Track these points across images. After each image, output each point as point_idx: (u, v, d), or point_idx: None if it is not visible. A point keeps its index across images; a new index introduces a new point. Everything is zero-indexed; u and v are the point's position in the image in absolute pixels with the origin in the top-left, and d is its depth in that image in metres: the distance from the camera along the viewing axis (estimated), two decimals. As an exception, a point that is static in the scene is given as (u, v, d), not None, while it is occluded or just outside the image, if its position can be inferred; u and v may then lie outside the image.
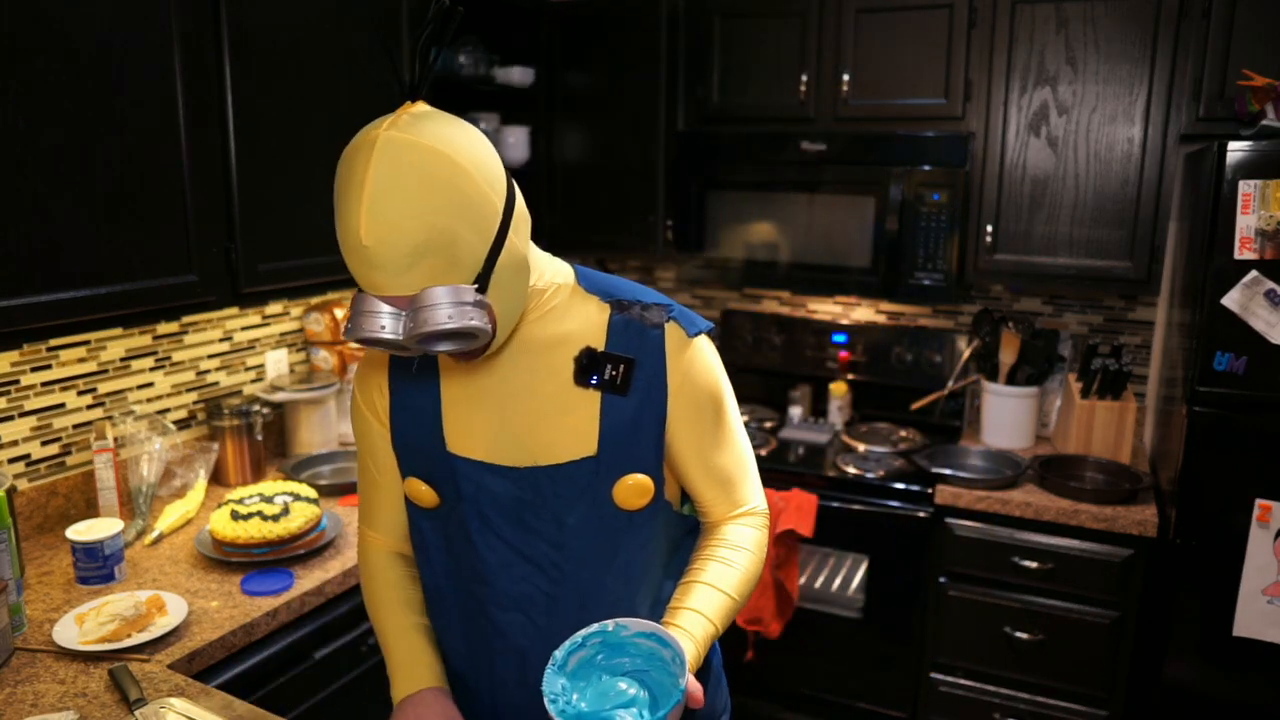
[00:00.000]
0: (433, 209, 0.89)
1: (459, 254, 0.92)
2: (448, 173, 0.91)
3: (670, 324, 1.10)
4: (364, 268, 0.91)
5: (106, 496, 1.96)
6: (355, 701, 1.87)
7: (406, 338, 0.93)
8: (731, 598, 1.11)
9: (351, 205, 0.90)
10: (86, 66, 1.58)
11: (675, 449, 1.13)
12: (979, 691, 2.47)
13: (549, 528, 1.11)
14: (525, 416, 1.09)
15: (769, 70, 2.73)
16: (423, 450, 1.12)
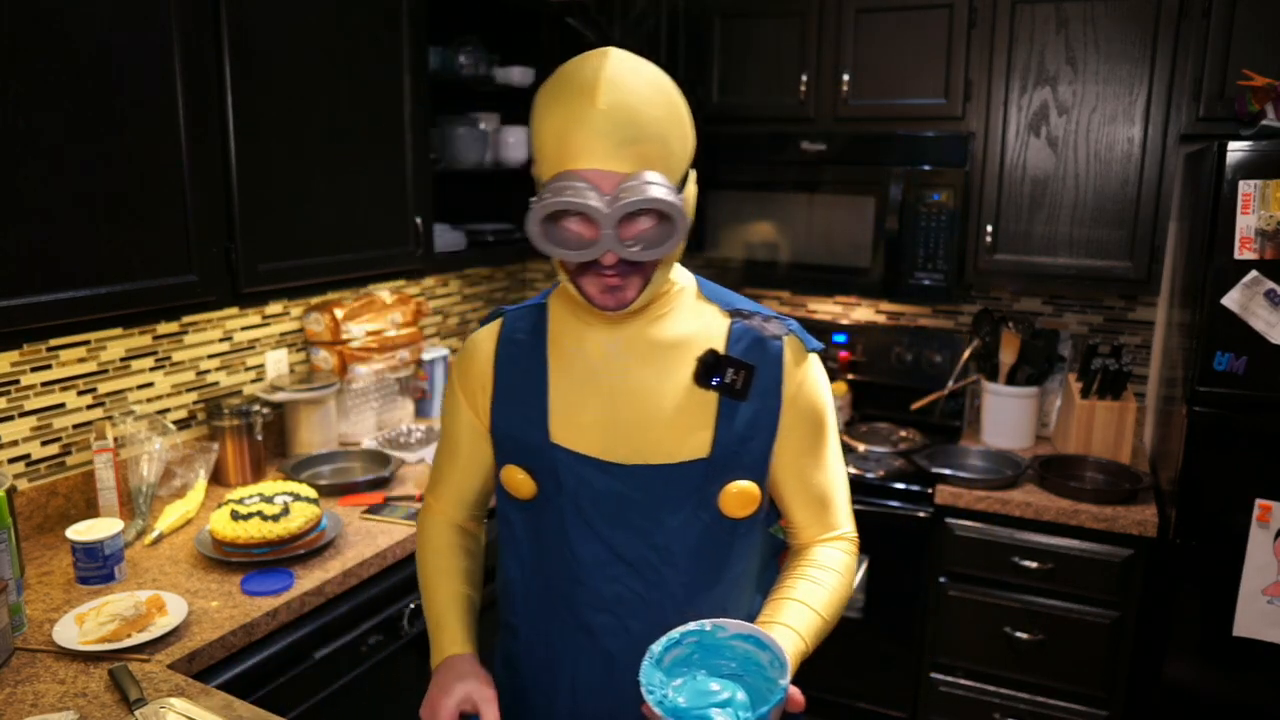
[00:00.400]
0: (662, 101, 0.99)
1: (670, 156, 1.00)
2: (670, 86, 1.01)
3: (790, 337, 1.13)
4: (588, 135, 0.95)
5: (106, 496, 1.96)
6: (355, 701, 1.87)
7: (613, 207, 0.95)
8: (822, 617, 1.09)
9: (584, 75, 0.97)
10: (86, 66, 1.58)
11: (777, 463, 1.13)
12: (979, 691, 2.47)
13: (650, 528, 1.09)
14: (638, 414, 1.09)
15: (769, 70, 2.73)
16: (524, 440, 1.12)
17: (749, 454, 1.10)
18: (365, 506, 2.12)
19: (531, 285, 3.59)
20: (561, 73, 1.00)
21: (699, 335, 1.10)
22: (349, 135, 2.15)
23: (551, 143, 0.98)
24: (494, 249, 2.88)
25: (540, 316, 1.16)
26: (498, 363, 1.15)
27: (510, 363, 1.14)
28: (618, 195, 0.96)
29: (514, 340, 1.15)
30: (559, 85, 0.99)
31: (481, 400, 1.17)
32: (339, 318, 2.51)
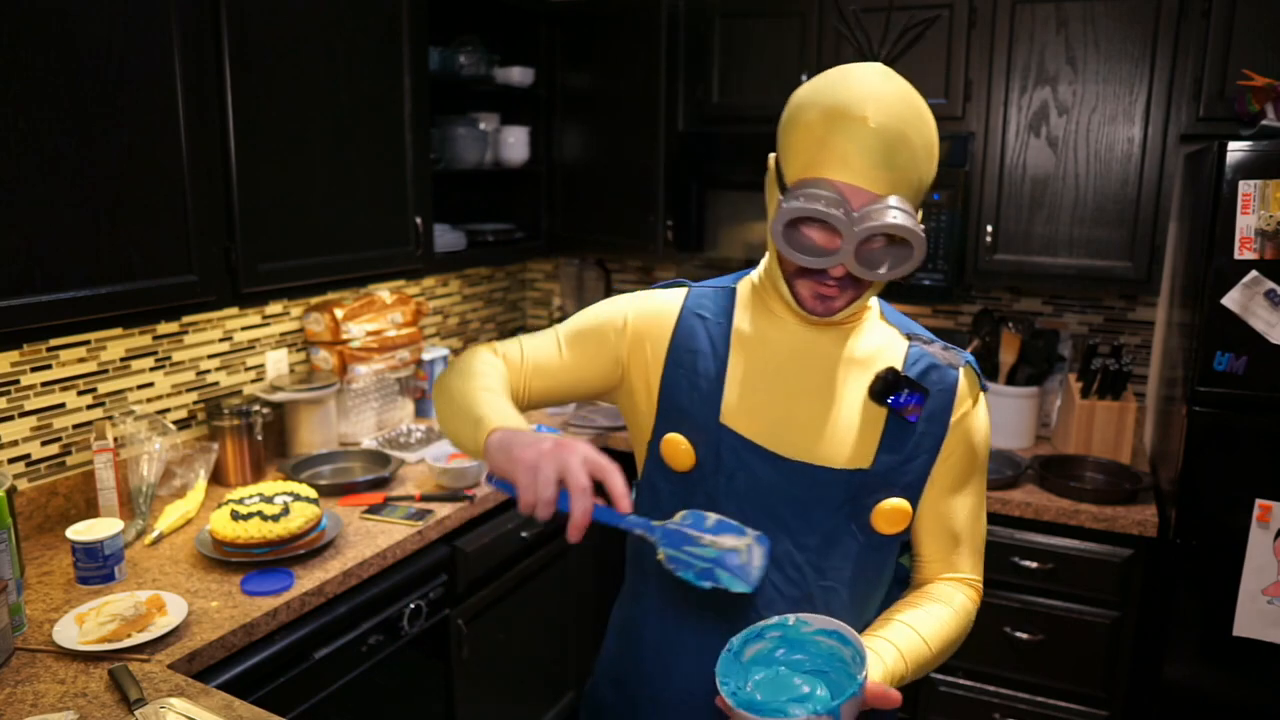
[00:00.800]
0: (925, 131, 1.00)
1: (920, 186, 1.01)
2: (931, 117, 1.02)
3: (966, 368, 1.15)
4: (853, 149, 0.97)
5: (106, 496, 1.96)
6: (355, 701, 1.87)
7: (860, 226, 0.97)
8: (926, 644, 1.09)
9: (856, 91, 0.98)
10: (86, 66, 1.58)
11: (925, 485, 1.14)
12: (979, 691, 2.47)
13: (800, 526, 1.10)
14: (810, 415, 1.11)
15: (769, 70, 2.73)
16: (694, 413, 1.13)
17: (909, 473, 1.12)
18: (365, 506, 2.12)
19: (531, 285, 3.60)
20: (830, 80, 1.01)
21: (878, 353, 1.13)
22: (349, 135, 2.15)
23: (810, 146, 1.00)
24: (494, 249, 2.88)
25: (728, 301, 1.17)
26: (676, 331, 1.16)
27: (690, 335, 1.15)
28: (866, 214, 0.98)
29: (698, 315, 1.16)
30: (828, 92, 1.00)
31: (650, 354, 1.16)
32: (339, 318, 2.51)
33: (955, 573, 1.19)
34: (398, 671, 1.99)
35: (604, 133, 2.94)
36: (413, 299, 2.75)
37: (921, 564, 1.20)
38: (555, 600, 2.65)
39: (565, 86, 2.97)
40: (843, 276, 1.04)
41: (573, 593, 2.74)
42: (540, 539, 2.50)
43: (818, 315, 1.08)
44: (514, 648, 2.46)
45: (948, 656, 1.14)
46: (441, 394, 1.15)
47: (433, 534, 2.07)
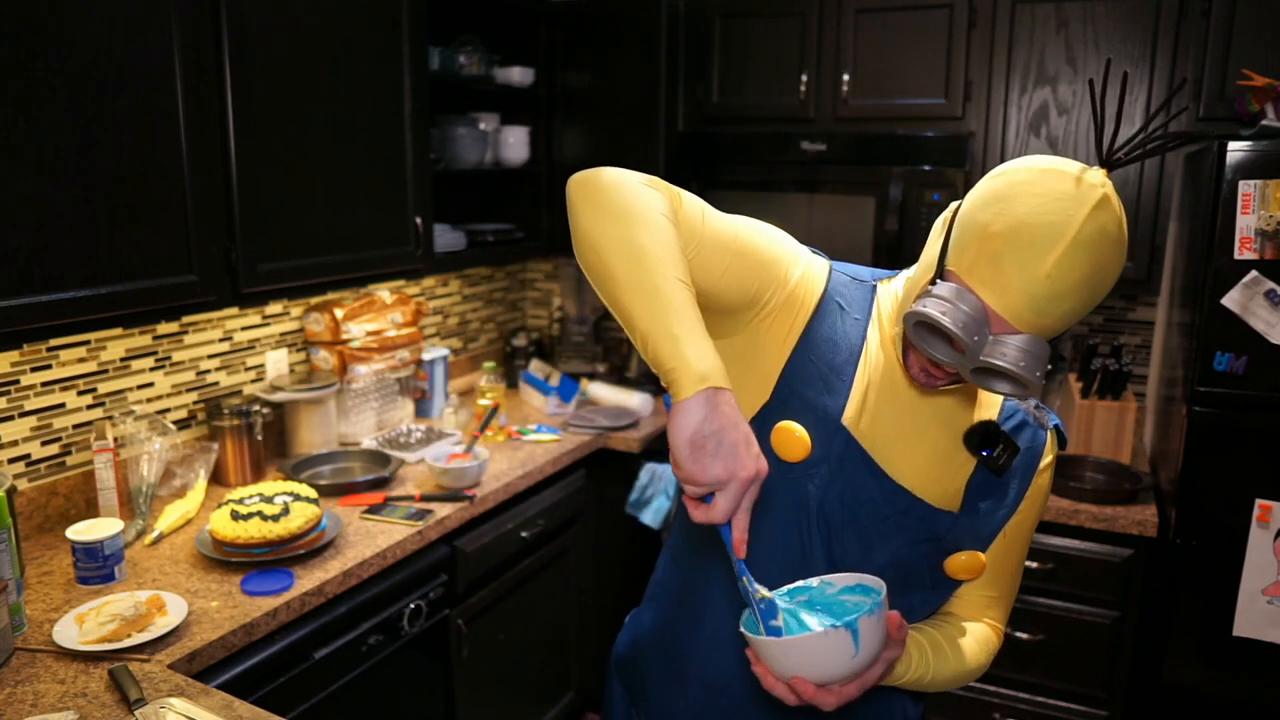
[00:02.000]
0: (1104, 285, 0.94)
1: (1066, 328, 0.98)
2: (1117, 264, 0.94)
3: (1053, 432, 1.16)
4: (1016, 291, 0.92)
5: (106, 496, 1.96)
6: (355, 701, 1.87)
7: (974, 360, 0.94)
8: (951, 660, 1.12)
9: (1063, 228, 0.90)
10: (86, 66, 1.58)
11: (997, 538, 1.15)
12: (979, 691, 2.47)
13: (878, 548, 1.10)
14: (916, 446, 1.10)
15: (769, 70, 2.73)
16: (816, 408, 1.08)
17: (989, 525, 1.13)
18: (365, 506, 2.12)
19: (531, 285, 3.60)
20: (1035, 189, 0.92)
21: (978, 401, 1.13)
22: (349, 135, 2.15)
23: (980, 254, 0.94)
24: (494, 249, 2.88)
25: (868, 300, 1.14)
26: (818, 310, 1.10)
27: (828, 322, 1.10)
28: (998, 343, 0.93)
29: (837, 301, 1.11)
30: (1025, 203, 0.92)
31: (792, 322, 1.09)
32: (339, 318, 2.51)
33: (986, 617, 1.22)
34: (398, 671, 1.99)
35: (604, 132, 2.94)
36: (413, 299, 2.75)
37: (957, 599, 1.20)
38: (555, 600, 2.65)
39: (565, 86, 2.97)
40: (954, 374, 1.03)
41: (573, 593, 2.74)
42: (540, 539, 2.50)
43: (920, 385, 1.07)
44: (514, 648, 2.46)
45: (962, 683, 1.16)
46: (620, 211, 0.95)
47: (433, 534, 2.07)
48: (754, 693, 1.13)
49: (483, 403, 2.68)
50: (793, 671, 0.93)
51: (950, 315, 0.92)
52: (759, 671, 0.97)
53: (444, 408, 2.82)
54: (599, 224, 0.95)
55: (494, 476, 2.34)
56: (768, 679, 0.96)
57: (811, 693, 0.93)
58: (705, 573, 1.19)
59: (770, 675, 0.95)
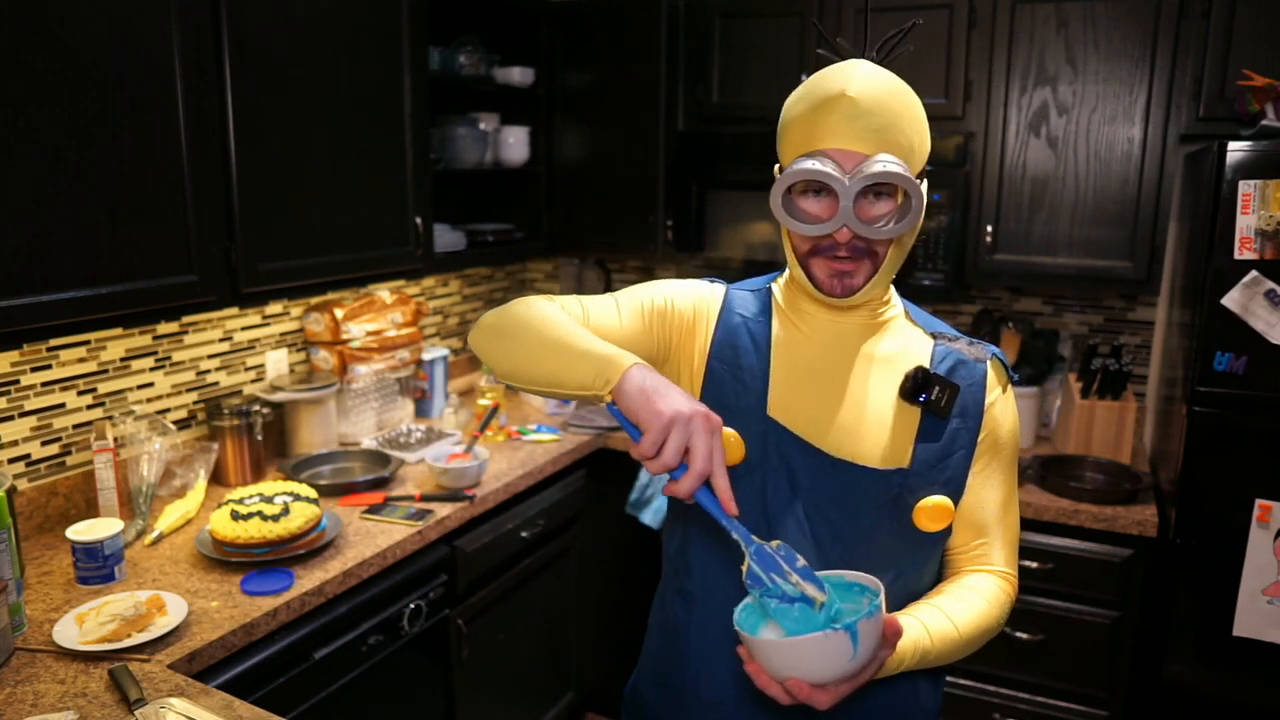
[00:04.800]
0: (906, 101, 1.06)
1: (911, 149, 1.05)
2: (912, 95, 1.08)
3: (993, 360, 1.17)
4: (837, 118, 1.02)
5: (106, 496, 1.96)
6: (355, 701, 1.87)
7: (852, 180, 1.01)
8: (955, 627, 1.10)
9: (834, 76, 1.05)
10: (87, 67, 1.58)
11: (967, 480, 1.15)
12: (979, 691, 2.47)
13: (845, 525, 1.11)
14: (846, 414, 1.12)
15: (769, 70, 2.73)
16: (741, 407, 1.13)
17: (946, 470, 1.12)
18: (365, 506, 2.12)
19: (531, 285, 3.60)
20: (811, 79, 1.08)
21: (905, 352, 1.15)
22: (349, 135, 2.15)
23: (799, 130, 1.06)
24: (494, 249, 2.89)
25: (766, 301, 1.20)
26: (719, 326, 1.17)
27: (732, 332, 1.17)
28: (858, 170, 1.02)
29: (737, 314, 1.18)
30: (810, 85, 1.07)
31: (698, 343, 1.17)
32: (339, 318, 2.51)
33: (987, 565, 1.19)
34: (398, 671, 1.99)
35: (604, 133, 2.94)
36: (413, 299, 2.75)
37: (952, 555, 1.20)
38: (555, 600, 2.65)
39: (565, 86, 2.97)
40: (849, 242, 1.05)
41: (572, 593, 2.74)
42: (540, 539, 2.50)
43: (837, 296, 1.09)
44: (514, 648, 2.46)
45: (979, 644, 1.15)
46: (511, 326, 1.09)
47: (433, 534, 2.07)
48: (751, 702, 1.13)
49: (483, 403, 2.68)
50: (789, 672, 0.93)
51: (795, 169, 1.03)
52: (752, 671, 0.96)
53: (444, 408, 2.82)
54: (509, 343, 1.09)
55: (494, 476, 2.34)
56: (761, 678, 0.96)
57: (807, 693, 0.93)
58: (686, 596, 1.20)
59: (765, 675, 0.95)
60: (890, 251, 1.08)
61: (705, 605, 1.18)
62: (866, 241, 1.06)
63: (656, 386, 0.95)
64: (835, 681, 0.94)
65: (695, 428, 0.93)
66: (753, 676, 0.96)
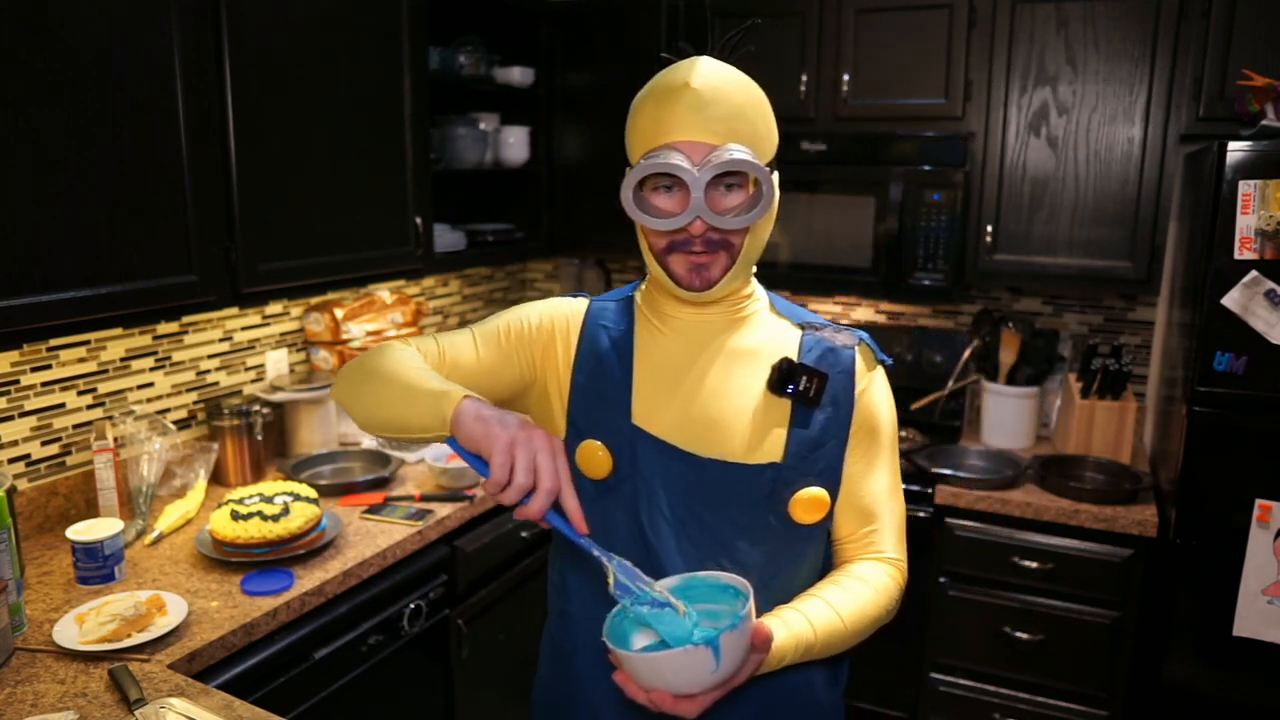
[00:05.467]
0: (750, 91, 1.07)
1: (758, 138, 1.06)
2: (756, 86, 1.10)
3: (861, 346, 1.17)
4: (682, 110, 1.03)
5: (106, 496, 1.96)
6: (355, 701, 1.87)
7: (701, 170, 1.01)
8: (840, 618, 1.09)
9: (678, 71, 1.06)
10: (87, 67, 1.58)
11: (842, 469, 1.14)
12: (979, 691, 2.47)
13: (719, 524, 1.10)
14: (714, 413, 1.11)
15: (769, 70, 2.73)
16: (605, 418, 1.13)
17: (820, 460, 1.12)
18: (365, 506, 2.12)
19: (531, 285, 3.60)
20: (657, 75, 1.09)
21: (772, 344, 1.14)
22: (349, 135, 2.15)
23: (646, 125, 1.06)
24: (494, 249, 2.88)
25: (627, 309, 1.19)
26: (582, 339, 1.17)
27: (594, 344, 1.16)
28: (706, 161, 1.02)
29: (600, 325, 1.18)
30: (654, 82, 1.08)
31: (560, 358, 1.17)
32: (339, 318, 2.51)
33: (875, 553, 1.17)
34: (398, 671, 1.99)
35: (604, 133, 2.94)
36: (413, 299, 2.75)
37: (839, 545, 1.19)
38: (555, 600, 2.65)
39: (565, 86, 2.97)
40: (704, 234, 1.05)
41: (573, 593, 2.73)
42: (540, 538, 2.50)
43: (696, 289, 1.08)
44: (514, 648, 2.46)
45: (867, 634, 1.14)
46: (362, 376, 1.11)
47: (433, 534, 2.07)
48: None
49: (483, 403, 2.67)
50: (653, 685, 0.93)
51: (650, 161, 1.03)
52: (621, 680, 0.96)
53: (444, 408, 2.81)
54: (364, 392, 1.10)
55: (494, 476, 2.34)
56: (630, 687, 0.96)
57: (670, 704, 0.94)
58: (568, 618, 1.20)
59: (633, 684, 0.95)
60: (746, 242, 1.08)
61: (584, 625, 1.17)
62: (721, 233, 1.06)
63: (491, 415, 0.97)
64: (701, 692, 0.94)
65: (537, 446, 0.94)
66: (621, 686, 0.96)
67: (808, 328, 1.17)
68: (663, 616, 0.97)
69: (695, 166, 1.02)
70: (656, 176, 1.05)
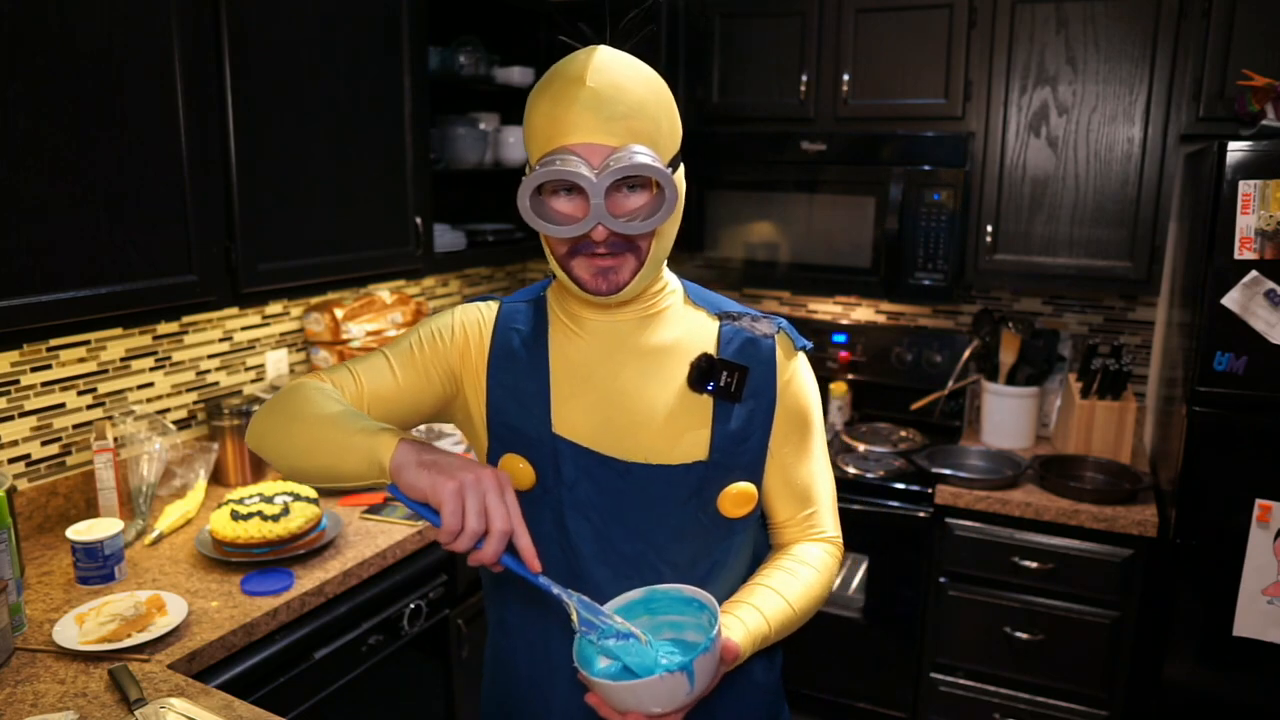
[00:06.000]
0: (649, 84, 1.01)
1: (659, 134, 1.01)
2: (655, 75, 1.04)
3: (780, 334, 1.14)
4: (577, 111, 0.97)
5: (106, 496, 1.96)
6: (355, 701, 1.87)
7: (600, 176, 0.97)
8: (790, 606, 1.09)
9: (573, 65, 1.00)
10: (86, 66, 1.58)
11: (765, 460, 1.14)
12: (979, 691, 2.47)
13: (648, 526, 1.09)
14: (633, 415, 1.09)
15: (769, 70, 2.73)
16: (525, 430, 1.10)
17: (746, 454, 1.11)
18: (365, 506, 2.12)
19: (531, 285, 3.59)
20: (551, 69, 1.03)
21: (689, 339, 1.11)
22: (349, 135, 2.15)
23: (542, 126, 1.00)
24: (494, 249, 2.88)
25: (539, 310, 1.15)
26: (494, 345, 1.13)
27: (507, 350, 1.13)
28: (606, 165, 0.97)
29: (512, 329, 1.14)
30: (549, 77, 1.02)
31: (475, 366, 1.13)
32: (339, 318, 2.51)
33: (817, 533, 1.18)
34: (398, 671, 1.99)
35: (604, 133, 2.93)
36: (413, 299, 2.75)
37: (778, 530, 1.19)
38: (555, 600, 2.64)
39: (565, 86, 2.96)
40: (606, 239, 1.01)
41: (573, 593, 2.73)
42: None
43: (603, 294, 1.04)
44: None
45: (813, 614, 1.14)
46: (281, 421, 1.04)
47: (432, 534, 2.07)
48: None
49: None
50: (629, 709, 0.93)
51: (546, 166, 0.98)
52: (594, 703, 0.96)
53: (444, 408, 2.82)
54: (282, 439, 1.03)
55: (494, 476, 2.34)
56: (603, 709, 0.96)
57: None
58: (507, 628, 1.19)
59: (606, 707, 0.95)
60: (654, 243, 1.04)
61: (524, 632, 1.17)
62: (625, 237, 1.02)
63: (434, 459, 0.92)
64: (675, 710, 0.95)
65: (486, 487, 0.90)
66: (595, 708, 0.96)
67: (725, 317, 1.14)
68: (628, 648, 0.98)
69: (594, 171, 0.97)
70: (555, 181, 1.01)
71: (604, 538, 1.10)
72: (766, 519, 1.20)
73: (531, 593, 1.12)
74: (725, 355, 1.11)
